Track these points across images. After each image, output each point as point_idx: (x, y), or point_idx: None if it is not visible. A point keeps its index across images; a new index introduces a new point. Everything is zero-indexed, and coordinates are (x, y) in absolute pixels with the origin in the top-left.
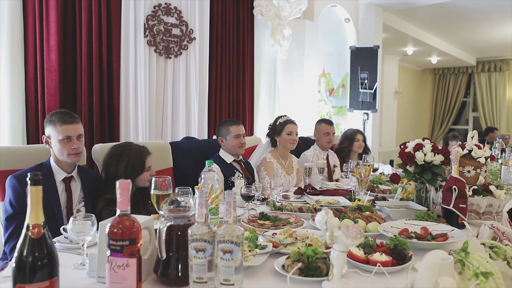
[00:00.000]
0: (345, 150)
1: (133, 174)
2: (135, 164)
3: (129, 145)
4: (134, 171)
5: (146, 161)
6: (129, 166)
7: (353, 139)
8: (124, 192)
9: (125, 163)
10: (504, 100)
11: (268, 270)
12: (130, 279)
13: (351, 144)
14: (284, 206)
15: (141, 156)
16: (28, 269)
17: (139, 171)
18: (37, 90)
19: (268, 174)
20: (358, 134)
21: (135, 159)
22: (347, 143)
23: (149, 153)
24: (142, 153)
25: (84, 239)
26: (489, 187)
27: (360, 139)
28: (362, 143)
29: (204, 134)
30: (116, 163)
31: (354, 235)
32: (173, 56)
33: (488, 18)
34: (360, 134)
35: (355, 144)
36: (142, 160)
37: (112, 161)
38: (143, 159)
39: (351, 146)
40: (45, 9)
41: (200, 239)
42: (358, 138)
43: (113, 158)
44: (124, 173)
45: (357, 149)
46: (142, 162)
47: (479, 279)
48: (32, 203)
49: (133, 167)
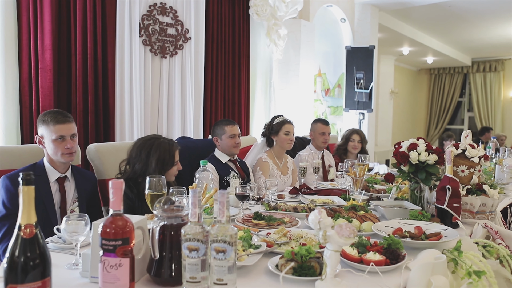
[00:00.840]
0: (340, 149)
1: (164, 168)
2: (165, 158)
3: (158, 138)
4: (165, 165)
5: (176, 154)
6: (160, 160)
7: (349, 138)
8: (116, 192)
9: (156, 157)
10: (499, 100)
11: (262, 269)
12: (123, 279)
13: (346, 143)
14: (279, 205)
15: (171, 150)
16: (20, 269)
17: (169, 165)
18: (31, 90)
19: (263, 174)
20: (354, 134)
21: (166, 152)
22: (343, 141)
23: (178, 146)
24: (172, 147)
25: (77, 239)
26: (483, 186)
27: (356, 140)
28: (358, 144)
29: (199, 134)
30: (146, 158)
31: (347, 235)
32: (169, 55)
33: (483, 18)
34: (356, 134)
35: (350, 144)
36: (172, 153)
37: (141, 156)
38: (173, 152)
39: (346, 145)
40: (39, 8)
41: (193, 239)
42: (354, 138)
43: (142, 152)
44: (155, 168)
45: (352, 149)
46: (172, 156)
47: (472, 278)
48: (24, 203)
49: (164, 161)
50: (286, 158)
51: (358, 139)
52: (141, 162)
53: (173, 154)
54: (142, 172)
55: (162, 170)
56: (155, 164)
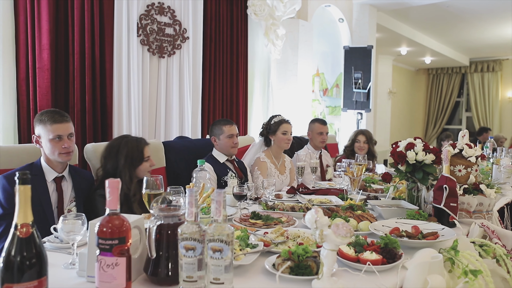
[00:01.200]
0: (347, 150)
1: (133, 164)
2: (134, 154)
3: (126, 137)
4: (134, 161)
5: (145, 151)
6: (128, 157)
7: (354, 139)
8: (113, 191)
9: (124, 155)
10: (497, 100)
11: (259, 269)
12: (119, 278)
13: (352, 144)
14: (276, 205)
15: (138, 146)
16: (16, 269)
17: (138, 161)
18: (29, 90)
19: (261, 174)
20: (359, 135)
21: (133, 149)
22: (349, 143)
23: (146, 143)
24: (140, 143)
25: (74, 238)
26: (480, 186)
27: (362, 140)
28: (364, 145)
29: (197, 134)
30: (115, 156)
31: (343, 234)
32: (167, 55)
33: (481, 18)
34: (362, 135)
35: (356, 145)
36: (140, 149)
37: (111, 155)
38: (141, 148)
39: (352, 146)
40: (36, 8)
41: (190, 238)
42: (359, 139)
43: (111, 151)
44: (125, 164)
45: (358, 150)
46: (140, 152)
47: (468, 277)
48: (21, 202)
49: (133, 158)
50: (284, 157)
51: (363, 139)
52: (111, 160)
53: (142, 150)
54: (113, 171)
55: (131, 166)
56: (124, 161)
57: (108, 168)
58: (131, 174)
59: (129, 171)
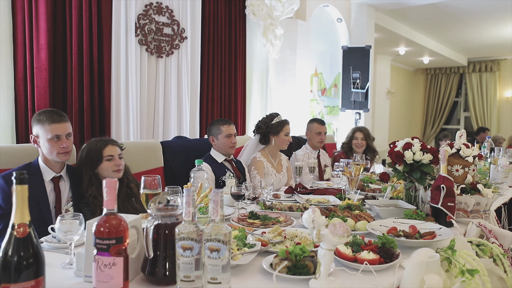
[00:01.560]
0: (345, 148)
1: (92, 163)
2: (91, 154)
3: (91, 140)
4: (92, 161)
5: (104, 151)
6: (87, 156)
7: (352, 136)
8: (110, 191)
9: (84, 154)
10: (495, 100)
11: (256, 268)
12: (116, 278)
13: (350, 141)
14: (274, 205)
15: (97, 146)
16: (13, 269)
17: (97, 160)
18: (27, 89)
19: (259, 173)
20: (357, 132)
21: (92, 148)
22: (347, 140)
23: (109, 143)
24: (99, 143)
25: (72, 238)
26: (477, 185)
27: (359, 137)
28: (362, 141)
29: (195, 134)
30: (79, 157)
31: (341, 233)
32: (165, 55)
33: (479, 19)
34: (359, 132)
35: (353, 142)
36: (99, 149)
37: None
38: (100, 148)
39: (350, 143)
40: (34, 7)
41: (187, 238)
42: (357, 136)
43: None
44: (84, 163)
45: (356, 147)
46: (98, 151)
47: (465, 276)
48: (18, 202)
49: (90, 157)
50: (280, 156)
51: (361, 136)
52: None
53: (100, 150)
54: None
55: (90, 166)
56: (84, 160)
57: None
58: (91, 174)
59: (88, 171)
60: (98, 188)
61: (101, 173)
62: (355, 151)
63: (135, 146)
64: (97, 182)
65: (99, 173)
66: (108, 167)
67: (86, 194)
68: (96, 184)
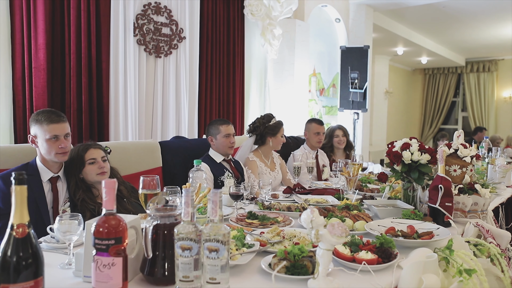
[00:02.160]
0: (326, 147)
1: (75, 168)
2: (74, 159)
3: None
4: (74, 165)
5: (86, 155)
6: (71, 162)
7: (332, 135)
8: (109, 191)
9: (68, 160)
10: (493, 100)
11: (255, 268)
12: (115, 278)
13: (331, 140)
14: (273, 205)
15: (79, 151)
16: (12, 269)
17: (79, 165)
18: (25, 89)
19: (253, 173)
20: (336, 130)
21: (74, 154)
22: (327, 139)
23: (91, 146)
24: (80, 147)
25: (71, 238)
26: (475, 185)
27: (340, 135)
28: (343, 138)
29: (194, 134)
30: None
31: (339, 233)
32: (163, 55)
33: (477, 19)
34: (339, 130)
35: (335, 140)
36: (81, 154)
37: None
38: (82, 153)
39: (331, 141)
40: (32, 7)
41: (186, 238)
42: (337, 134)
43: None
44: (68, 169)
45: (337, 144)
46: (80, 156)
47: (463, 276)
48: (17, 202)
49: (73, 162)
50: (272, 153)
51: (341, 133)
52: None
53: (82, 154)
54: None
55: (74, 170)
56: (69, 164)
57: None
58: (76, 179)
59: (73, 177)
60: (86, 191)
61: (86, 177)
62: (337, 148)
63: (134, 146)
64: (84, 185)
65: (84, 178)
66: (92, 171)
67: (74, 198)
68: (82, 187)
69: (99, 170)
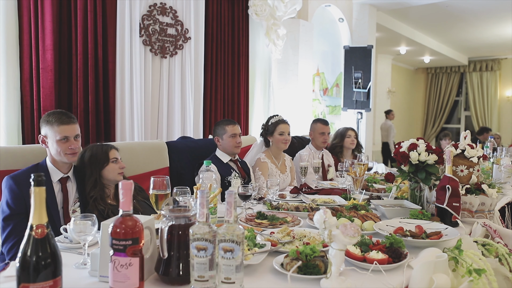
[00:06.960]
0: (337, 147)
1: (98, 164)
2: (98, 155)
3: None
4: (98, 161)
5: (110, 153)
6: (93, 156)
7: (345, 135)
8: (126, 193)
9: (89, 156)
10: (495, 99)
11: (267, 268)
12: (133, 278)
13: (343, 140)
14: (281, 205)
15: (103, 148)
16: (32, 269)
17: (103, 161)
18: (33, 90)
19: (263, 174)
20: (349, 130)
21: (98, 151)
22: (339, 139)
23: (113, 147)
24: (104, 146)
25: (85, 238)
26: (482, 186)
27: (352, 135)
28: (354, 139)
29: (199, 134)
30: (81, 160)
31: (352, 234)
32: (169, 55)
33: (480, 18)
34: (351, 131)
35: (347, 140)
36: (105, 151)
37: (82, 159)
38: (106, 150)
39: (342, 142)
40: (40, 9)
41: (201, 239)
42: (350, 134)
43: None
44: (89, 164)
45: (349, 145)
46: (105, 153)
47: (472, 276)
48: (36, 203)
49: (97, 158)
50: (284, 156)
51: (354, 134)
52: (82, 164)
53: (107, 151)
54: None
55: (97, 165)
56: (88, 161)
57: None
58: (96, 176)
59: (94, 172)
60: (99, 191)
61: (106, 175)
62: (346, 149)
63: (141, 146)
64: (100, 184)
65: (103, 175)
66: (114, 169)
67: (88, 196)
68: (99, 186)
69: (120, 170)
